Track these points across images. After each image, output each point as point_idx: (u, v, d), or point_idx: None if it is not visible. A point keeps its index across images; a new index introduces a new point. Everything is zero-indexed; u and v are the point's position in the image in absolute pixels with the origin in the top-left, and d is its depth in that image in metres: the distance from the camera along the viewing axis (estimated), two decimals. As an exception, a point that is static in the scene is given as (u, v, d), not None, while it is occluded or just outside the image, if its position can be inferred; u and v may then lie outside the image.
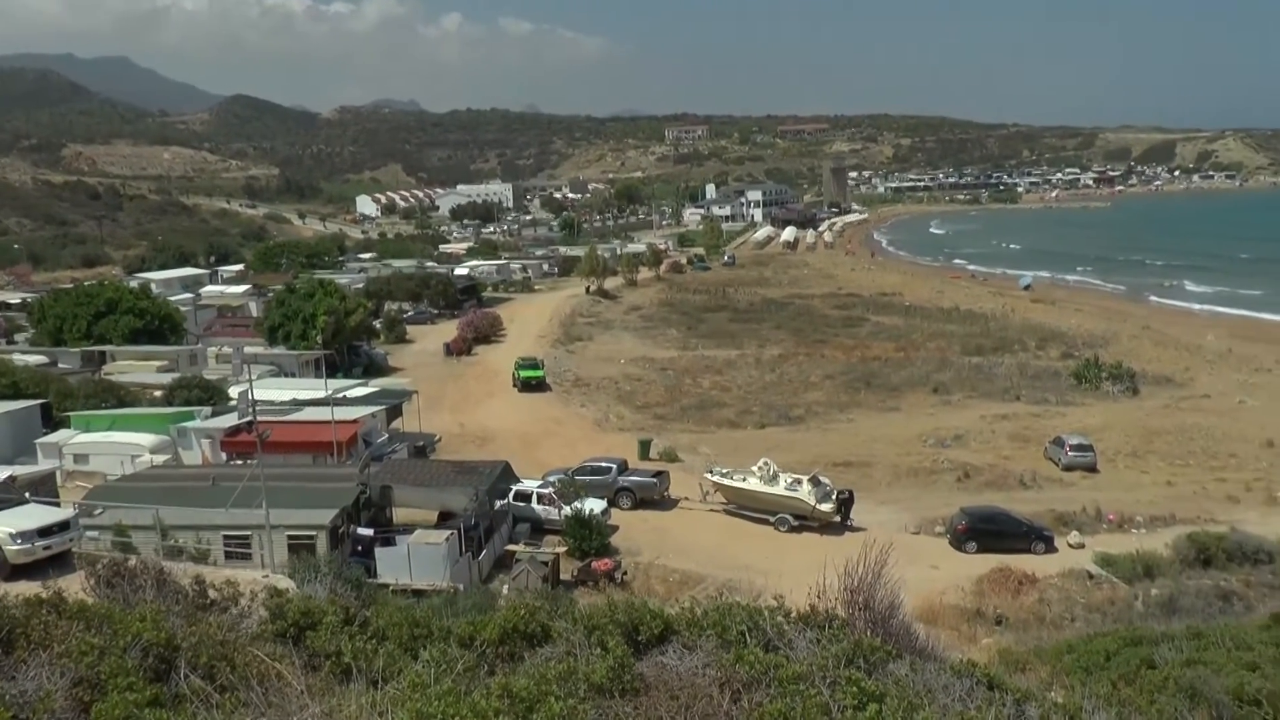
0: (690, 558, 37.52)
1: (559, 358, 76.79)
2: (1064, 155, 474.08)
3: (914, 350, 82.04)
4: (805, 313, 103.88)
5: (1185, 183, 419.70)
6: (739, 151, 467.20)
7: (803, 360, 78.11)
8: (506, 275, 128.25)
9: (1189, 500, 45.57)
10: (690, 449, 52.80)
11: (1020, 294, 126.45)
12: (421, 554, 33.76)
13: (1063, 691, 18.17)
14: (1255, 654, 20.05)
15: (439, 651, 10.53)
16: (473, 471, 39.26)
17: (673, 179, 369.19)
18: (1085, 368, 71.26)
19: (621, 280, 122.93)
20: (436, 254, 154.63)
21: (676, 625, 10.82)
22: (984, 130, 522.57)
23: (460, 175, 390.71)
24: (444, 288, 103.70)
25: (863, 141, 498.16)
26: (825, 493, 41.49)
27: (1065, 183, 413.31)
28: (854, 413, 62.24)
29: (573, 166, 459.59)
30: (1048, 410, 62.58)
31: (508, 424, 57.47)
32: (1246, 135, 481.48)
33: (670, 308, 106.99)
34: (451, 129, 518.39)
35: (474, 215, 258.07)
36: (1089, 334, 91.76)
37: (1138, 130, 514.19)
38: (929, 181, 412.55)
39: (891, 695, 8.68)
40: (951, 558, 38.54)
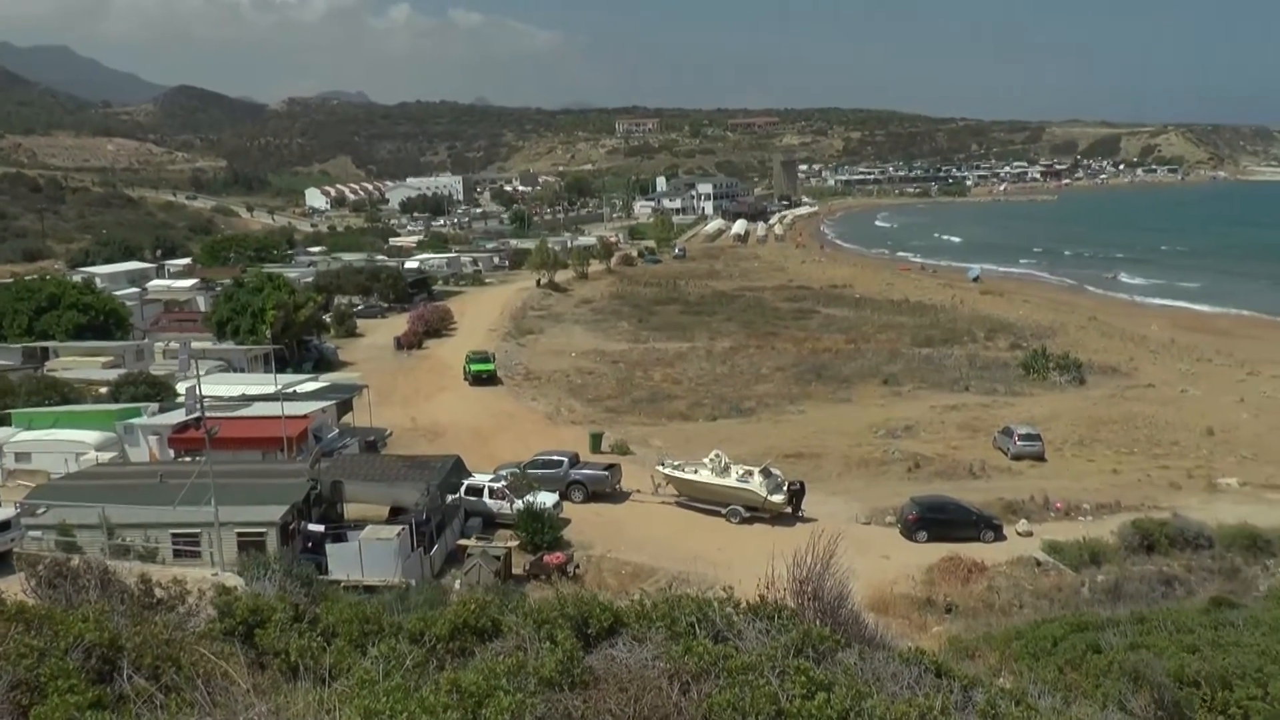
0: (642, 550, 37.58)
1: (510, 351, 76.62)
2: (1012, 149, 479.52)
3: (864, 342, 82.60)
4: (756, 305, 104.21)
5: (1130, 176, 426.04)
6: (690, 145, 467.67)
7: (753, 352, 78.41)
8: (457, 268, 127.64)
9: (1134, 488, 46.24)
10: (642, 442, 52.84)
11: (969, 286, 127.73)
12: (373, 550, 33.61)
13: (1011, 677, 18.42)
14: (1195, 637, 20.43)
15: (387, 648, 10.46)
16: (424, 466, 39.11)
17: (623, 172, 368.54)
18: (1033, 358, 72.07)
19: (572, 273, 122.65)
20: (386, 247, 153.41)
21: (626, 618, 10.82)
22: (933, 124, 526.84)
23: (410, 168, 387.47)
24: (394, 281, 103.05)
25: (813, 135, 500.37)
26: (776, 484, 41.68)
27: (1013, 176, 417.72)
28: (805, 404, 62.56)
29: (523, 159, 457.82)
30: (996, 400, 63.25)
31: (459, 418, 57.25)
32: (1187, 130, 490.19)
33: (621, 300, 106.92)
34: (401, 121, 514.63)
35: (424, 208, 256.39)
36: (1037, 325, 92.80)
37: (1084, 125, 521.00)
38: (879, 174, 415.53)
39: (840, 684, 8.72)
40: (902, 547, 38.86)
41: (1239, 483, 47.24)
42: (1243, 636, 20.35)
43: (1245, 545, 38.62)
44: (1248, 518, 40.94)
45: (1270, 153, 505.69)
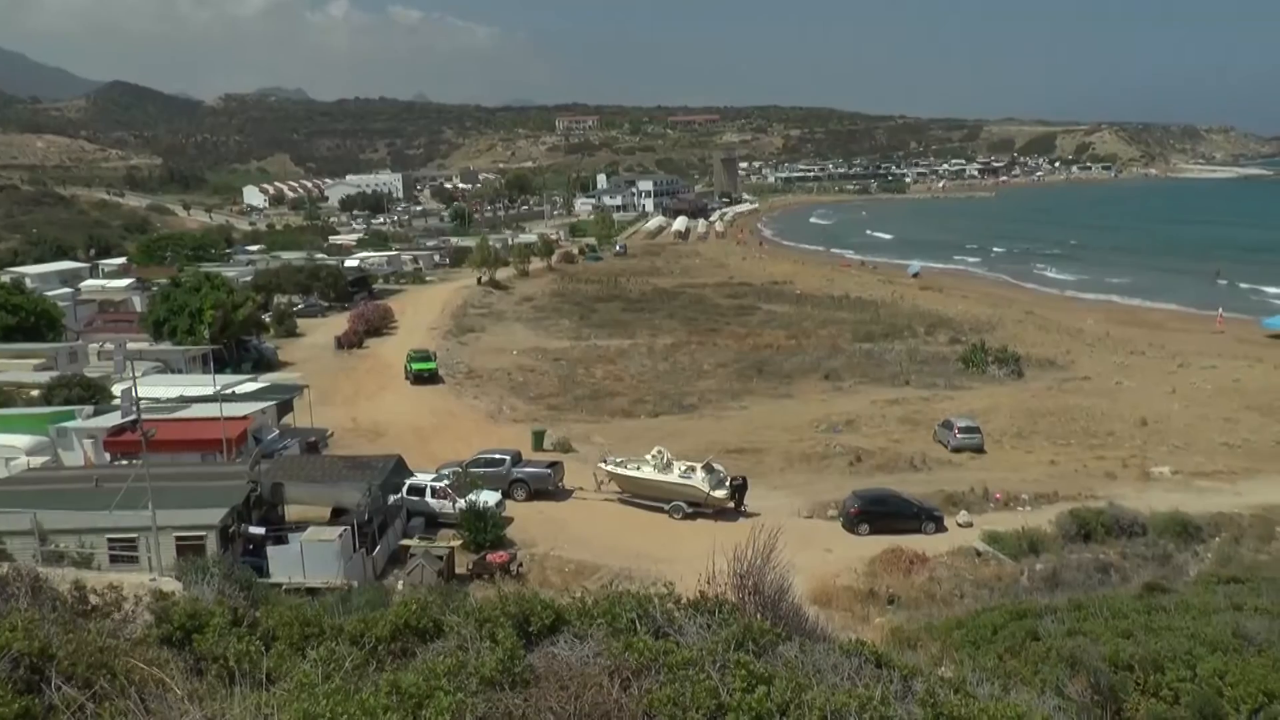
0: (586, 548, 37.56)
1: (451, 349, 76.26)
2: (950, 147, 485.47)
3: (805, 338, 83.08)
4: (697, 302, 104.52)
5: (1065, 173, 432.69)
6: (630, 142, 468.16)
7: (695, 349, 78.61)
8: (397, 267, 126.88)
9: (1071, 478, 47.01)
10: (584, 439, 52.81)
11: (909, 282, 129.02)
12: (314, 551, 33.31)
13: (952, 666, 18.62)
14: (1130, 622, 20.82)
15: (327, 650, 10.34)
16: (366, 466, 38.79)
17: (564, 169, 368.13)
18: (972, 352, 72.95)
19: (513, 271, 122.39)
20: (326, 245, 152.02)
21: (567, 615, 10.77)
22: (872, 122, 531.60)
23: (349, 165, 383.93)
24: (334, 280, 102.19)
25: (753, 132, 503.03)
26: (719, 480, 41.83)
27: (952, 173, 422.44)
28: (746, 400, 62.85)
29: (463, 156, 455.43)
30: (936, 394, 63.95)
31: (401, 417, 56.88)
32: (1120, 129, 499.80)
33: (562, 298, 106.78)
34: (340, 118, 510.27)
35: (364, 206, 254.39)
36: (975, 320, 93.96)
37: (1020, 123, 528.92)
38: (819, 172, 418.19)
39: (780, 676, 8.74)
40: (844, 540, 39.17)
41: (1171, 471, 48.22)
42: (1174, 620, 20.78)
43: (1177, 532, 39.60)
44: (1179, 505, 41.95)
45: (1198, 151, 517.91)
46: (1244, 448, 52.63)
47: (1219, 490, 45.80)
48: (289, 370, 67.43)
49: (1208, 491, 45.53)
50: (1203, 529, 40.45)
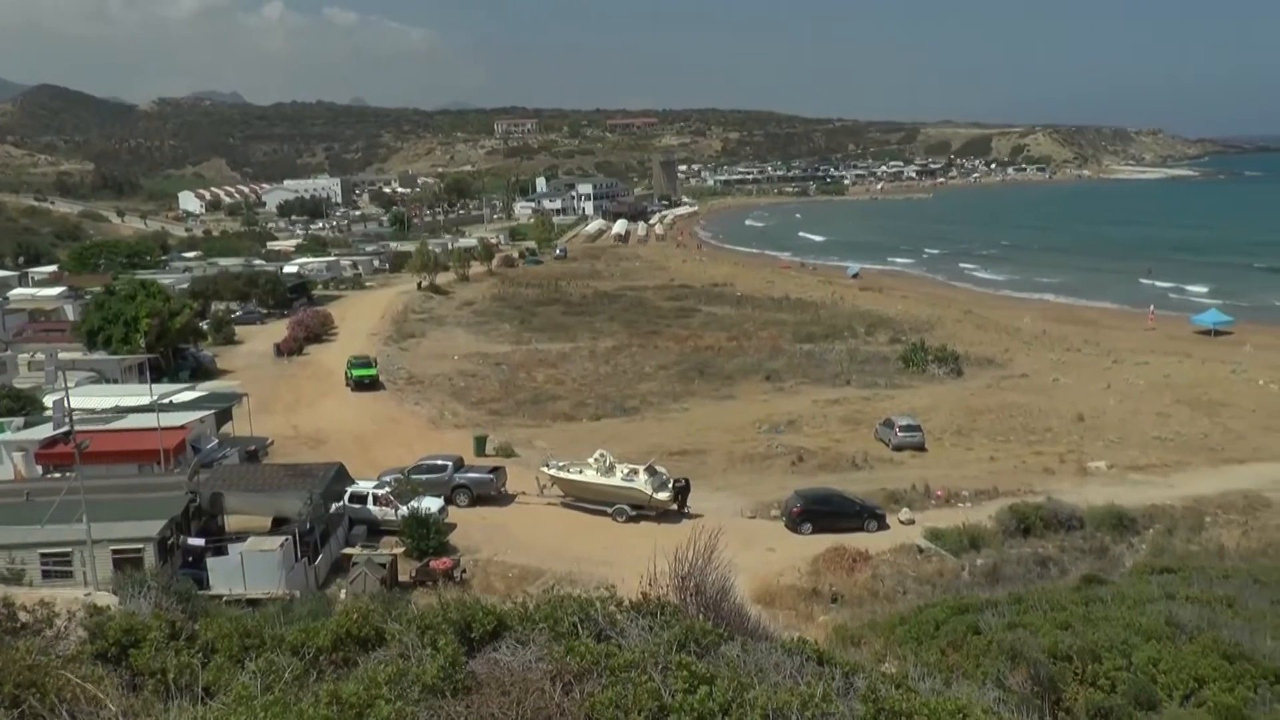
0: (529, 552, 37.41)
1: (392, 355, 75.65)
2: (888, 149, 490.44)
3: (746, 339, 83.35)
4: (638, 304, 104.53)
5: (1001, 175, 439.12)
6: (569, 145, 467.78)
7: (636, 351, 78.63)
8: (337, 272, 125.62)
9: (1010, 474, 47.60)
10: (526, 443, 52.59)
11: (849, 282, 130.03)
12: (255, 562, 32.88)
13: (895, 661, 18.78)
14: (1068, 614, 21.16)
15: (266, 662, 10.21)
16: (307, 475, 38.33)
17: (503, 173, 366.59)
18: (912, 351, 73.60)
19: (453, 275, 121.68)
20: (264, 251, 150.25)
21: (509, 620, 10.73)
22: (810, 124, 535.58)
23: (287, 170, 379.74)
24: (273, 286, 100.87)
25: (691, 135, 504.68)
26: (661, 482, 41.86)
27: (890, 175, 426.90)
28: (688, 402, 62.95)
29: (401, 160, 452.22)
30: (877, 393, 64.43)
31: (342, 424, 56.33)
32: (1054, 131, 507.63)
33: (503, 302, 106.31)
34: (277, 122, 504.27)
35: (302, 211, 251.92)
36: (915, 319, 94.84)
37: (956, 125, 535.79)
38: (758, 174, 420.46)
39: (723, 676, 8.76)
40: (788, 540, 39.32)
41: (1107, 466, 49.04)
42: (1110, 611, 21.16)
43: (1113, 525, 40.41)
44: (1115, 498, 42.73)
45: (1129, 152, 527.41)
46: (1175, 441, 53.71)
47: (1152, 483, 46.69)
48: (228, 378, 66.45)
49: (1142, 484, 46.40)
50: (1137, 521, 41.34)
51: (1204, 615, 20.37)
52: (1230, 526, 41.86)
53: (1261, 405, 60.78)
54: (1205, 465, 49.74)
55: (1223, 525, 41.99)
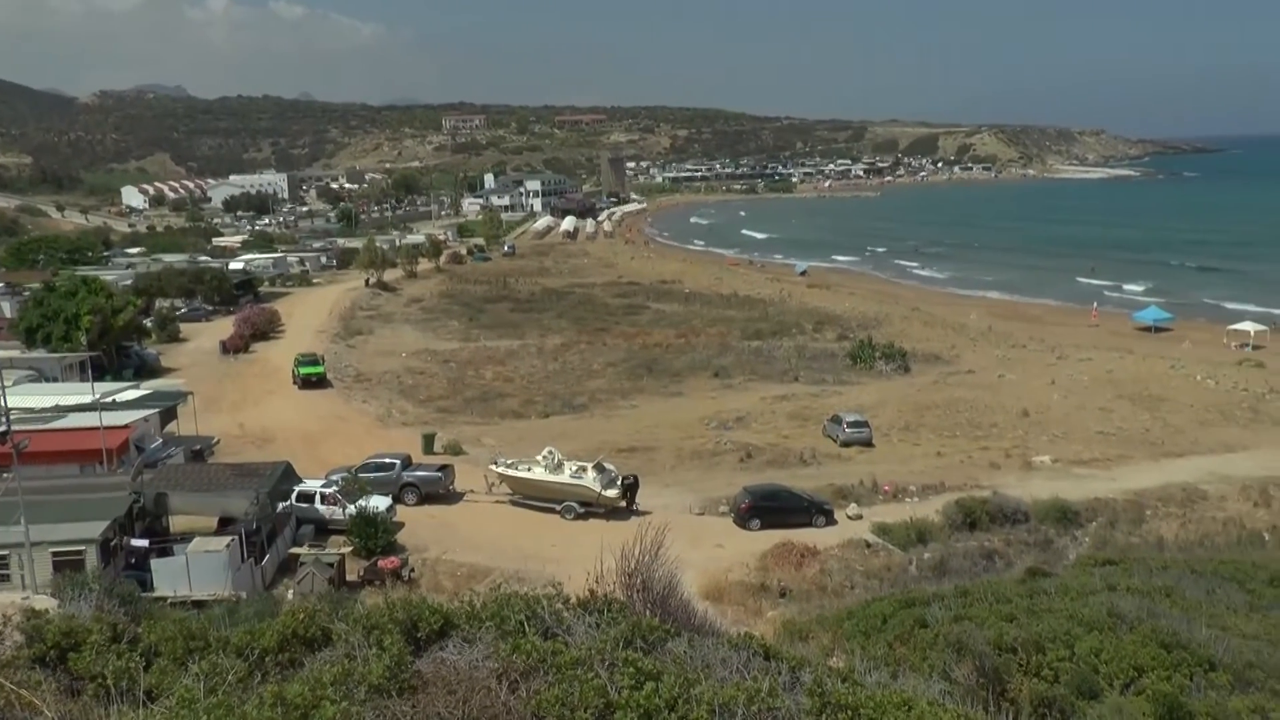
0: (478, 551, 37.27)
1: (339, 353, 75.04)
2: (835, 147, 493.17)
3: (694, 336, 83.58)
4: (586, 301, 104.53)
5: (948, 174, 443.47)
6: (517, 141, 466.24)
7: (585, 348, 78.58)
8: (283, 269, 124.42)
9: (956, 469, 48.12)
10: (475, 441, 52.40)
11: (797, 280, 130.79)
12: (201, 563, 32.49)
13: (843, 655, 18.91)
14: (1013, 606, 21.42)
15: (209, 664, 10.09)
16: (253, 474, 37.95)
17: (451, 169, 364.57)
18: (860, 348, 74.14)
19: (401, 272, 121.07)
20: (210, 248, 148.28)
21: (456, 619, 10.67)
22: (759, 122, 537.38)
23: (232, 165, 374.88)
24: (219, 283, 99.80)
25: (640, 132, 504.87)
26: (610, 479, 41.87)
27: (838, 173, 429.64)
28: (637, 399, 63.01)
29: (349, 156, 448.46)
30: (825, 390, 64.82)
31: (289, 423, 55.80)
32: (1000, 130, 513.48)
33: (451, 299, 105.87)
34: (222, 116, 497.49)
35: (248, 207, 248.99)
36: (863, 316, 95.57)
37: (903, 124, 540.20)
38: (706, 172, 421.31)
39: (669, 672, 8.76)
40: (736, 536, 39.46)
41: (1051, 460, 49.71)
42: (1054, 603, 21.46)
43: (1057, 518, 41.03)
44: (1059, 492, 43.42)
45: (1072, 152, 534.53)
46: (1118, 435, 54.58)
47: (1095, 477, 47.43)
48: (172, 377, 65.65)
49: (1085, 478, 47.11)
50: (1081, 514, 42.02)
51: (1144, 606, 20.71)
52: (1169, 519, 42.67)
53: (1198, 400, 61.94)
54: (1146, 459, 50.62)
55: (1162, 518, 42.79)
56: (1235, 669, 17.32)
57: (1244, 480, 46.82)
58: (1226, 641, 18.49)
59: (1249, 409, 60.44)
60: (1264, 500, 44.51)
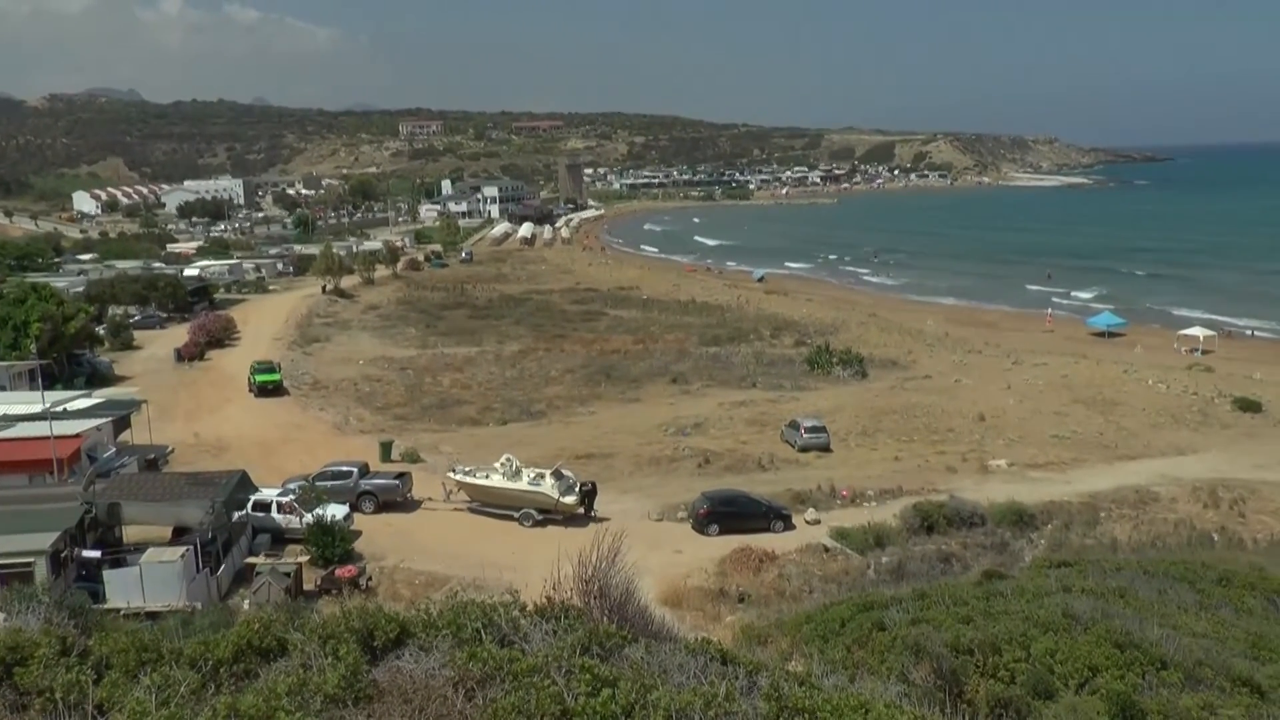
0: (435, 559, 37.05)
1: (296, 360, 74.37)
2: (793, 154, 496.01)
3: (652, 342, 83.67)
4: (544, 308, 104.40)
5: (904, 181, 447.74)
6: (475, 148, 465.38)
7: (542, 355, 78.44)
8: (239, 275, 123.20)
9: (914, 473, 48.42)
10: (432, 449, 52.13)
11: (754, 286, 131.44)
12: (155, 573, 32.04)
13: (801, 659, 18.96)
14: (969, 608, 21.58)
15: (161, 676, 9.94)
16: (208, 483, 37.41)
17: (408, 175, 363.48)
18: (817, 354, 74.50)
19: (358, 279, 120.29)
20: (164, 254, 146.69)
21: (412, 627, 10.60)
22: (716, 130, 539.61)
23: (187, 170, 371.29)
24: (173, 289, 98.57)
25: (597, 139, 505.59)
26: (568, 485, 41.76)
27: (795, 180, 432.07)
28: (595, 405, 62.96)
29: (306, 162, 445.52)
30: (783, 395, 65.05)
31: (245, 431, 55.24)
32: (955, 138, 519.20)
33: (408, 306, 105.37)
34: (176, 121, 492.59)
35: (203, 212, 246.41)
36: (820, 322, 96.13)
37: (860, 132, 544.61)
38: (663, 178, 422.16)
39: (626, 679, 8.75)
40: (694, 541, 39.48)
41: (1007, 464, 50.17)
42: (1010, 605, 21.66)
43: (1013, 521, 41.42)
44: (1015, 495, 43.85)
45: (1026, 160, 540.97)
46: (1072, 439, 55.18)
47: (1050, 480, 47.93)
48: (126, 385, 64.71)
49: (1040, 481, 47.60)
50: (1036, 517, 42.46)
51: (1098, 607, 20.96)
52: (1123, 521, 43.20)
53: (1150, 404, 62.81)
54: (1100, 462, 51.22)
55: (1116, 520, 43.30)
56: (1186, 667, 17.59)
57: (1194, 482, 47.57)
58: (1177, 640, 18.78)
59: (1199, 412, 61.39)
60: (1213, 501, 45.21)
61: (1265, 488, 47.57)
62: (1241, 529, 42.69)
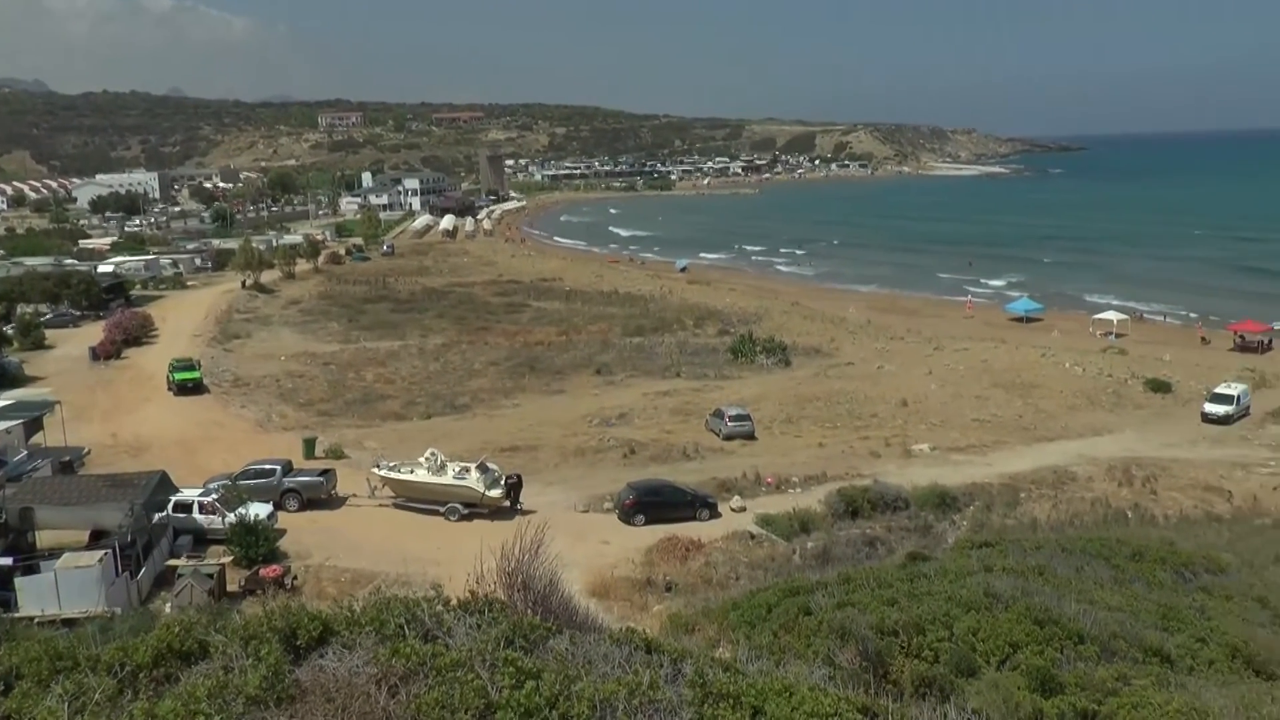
0: (362, 556, 36.69)
1: (216, 357, 73.13)
2: (714, 145, 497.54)
3: (576, 333, 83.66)
4: (467, 300, 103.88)
5: (825, 171, 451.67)
6: (395, 139, 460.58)
7: (466, 348, 78.04)
8: (156, 271, 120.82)
9: (838, 459, 48.99)
10: (356, 444, 51.61)
11: (677, 276, 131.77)
12: (71, 579, 31.25)
13: (729, 646, 19.09)
14: (894, 590, 21.92)
15: (73, 684, 9.72)
16: (127, 484, 36.65)
17: (328, 167, 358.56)
18: (741, 343, 74.95)
19: (279, 273, 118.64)
20: (76, 250, 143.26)
21: (336, 625, 10.47)
22: (637, 120, 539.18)
23: (99, 164, 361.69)
24: (86, 287, 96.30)
25: (518, 130, 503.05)
26: (493, 479, 41.65)
27: (716, 171, 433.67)
28: (519, 397, 62.80)
29: (223, 154, 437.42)
30: (707, 384, 65.39)
31: (164, 431, 54.19)
32: (874, 129, 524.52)
33: (330, 300, 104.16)
34: (86, 112, 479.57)
35: (117, 207, 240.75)
36: (743, 311, 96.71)
37: (780, 123, 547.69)
38: (585, 169, 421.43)
39: (550, 670, 8.74)
40: (621, 532, 39.58)
41: (930, 448, 50.96)
42: (933, 586, 22.04)
43: (936, 504, 42.08)
44: (937, 479, 44.59)
45: (945, 150, 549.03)
46: (992, 422, 56.24)
47: (972, 462, 48.84)
48: (38, 385, 63.16)
49: (962, 464, 48.48)
50: (959, 499, 43.23)
51: (1018, 585, 21.42)
52: (1042, 500, 44.16)
53: (1067, 387, 64.20)
54: (1020, 444, 52.29)
55: (1035, 500, 44.24)
56: (1102, 640, 18.10)
57: (1109, 461, 48.83)
58: (1094, 615, 19.30)
59: (1113, 394, 62.91)
60: (1127, 480, 46.46)
61: (1175, 465, 49.02)
62: (1153, 505, 43.92)
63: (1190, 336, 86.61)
